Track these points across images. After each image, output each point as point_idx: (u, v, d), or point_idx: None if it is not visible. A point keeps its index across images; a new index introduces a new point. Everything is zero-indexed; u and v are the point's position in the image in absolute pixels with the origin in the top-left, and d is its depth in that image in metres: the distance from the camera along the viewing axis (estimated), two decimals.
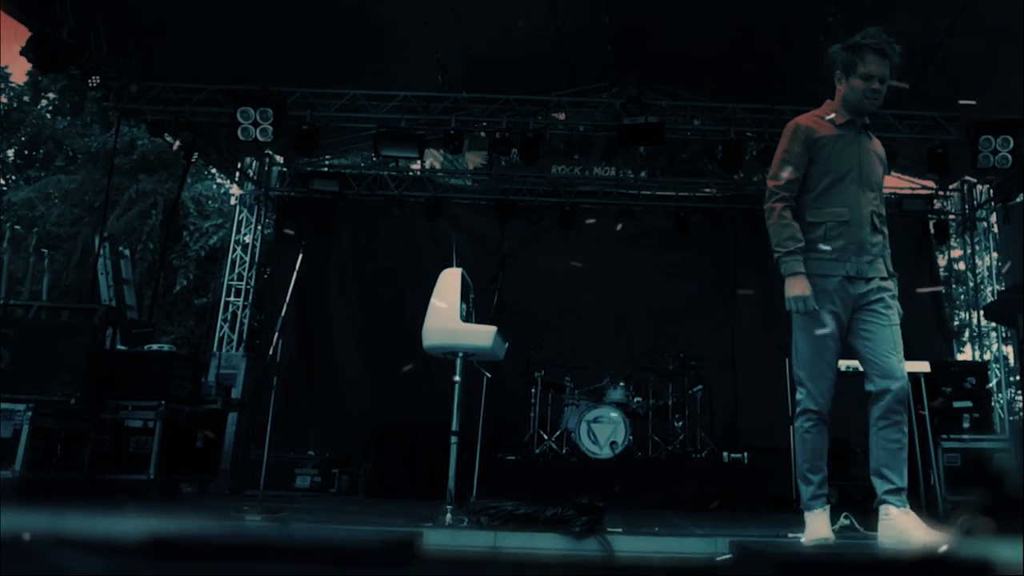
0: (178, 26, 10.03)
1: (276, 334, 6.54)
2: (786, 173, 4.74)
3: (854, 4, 9.65)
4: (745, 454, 10.99)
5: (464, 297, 5.76)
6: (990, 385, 13.67)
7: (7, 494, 6.48)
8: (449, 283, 5.74)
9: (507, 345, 6.07)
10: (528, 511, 5.04)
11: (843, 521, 7.01)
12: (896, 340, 4.74)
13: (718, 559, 4.49)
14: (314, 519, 5.99)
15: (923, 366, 8.67)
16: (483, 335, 5.66)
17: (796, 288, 4.57)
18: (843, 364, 7.61)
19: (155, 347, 8.55)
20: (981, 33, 10.01)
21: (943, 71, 10.81)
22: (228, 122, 10.76)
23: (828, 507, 4.98)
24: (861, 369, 7.55)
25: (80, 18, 9.28)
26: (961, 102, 10.91)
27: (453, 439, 5.75)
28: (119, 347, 8.58)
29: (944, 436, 9.43)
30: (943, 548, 3.62)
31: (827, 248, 4.69)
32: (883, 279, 4.80)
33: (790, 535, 5.39)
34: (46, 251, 14.66)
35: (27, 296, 14.35)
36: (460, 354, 5.75)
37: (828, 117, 4.87)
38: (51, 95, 23.97)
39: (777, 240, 4.67)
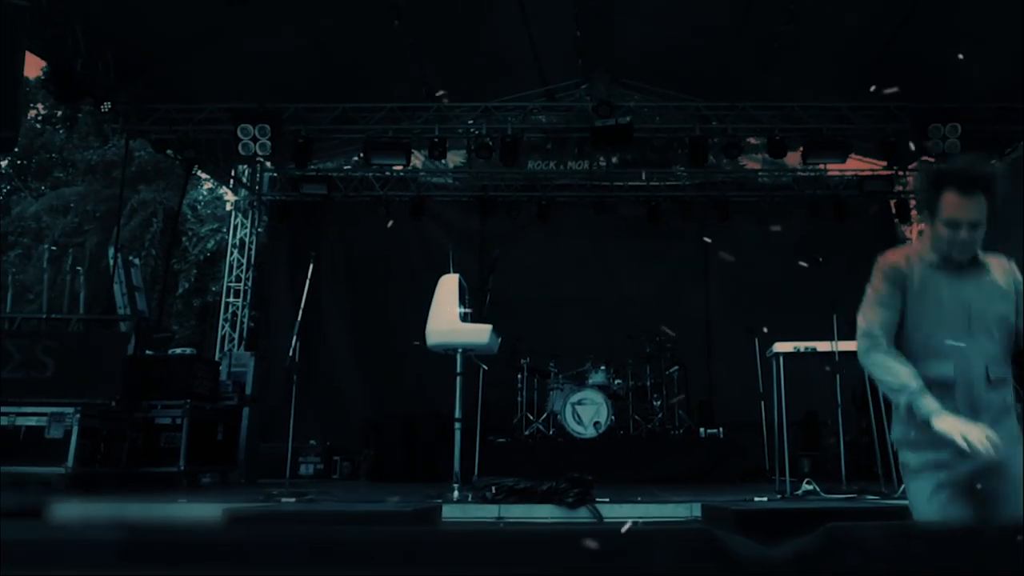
0: (178, 51, 10.70)
1: (294, 337, 7.23)
2: (872, 314, 3.89)
3: (807, 10, 10.36)
4: (720, 429, 11.79)
5: (461, 299, 6.47)
6: None
7: (62, 488, 7.22)
8: (448, 288, 6.46)
9: (500, 340, 6.81)
10: (527, 485, 5.79)
11: (806, 487, 7.81)
12: None
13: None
14: (339, 499, 6.70)
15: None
16: (480, 333, 6.42)
17: (956, 426, 3.50)
18: (802, 345, 8.41)
19: (179, 351, 9.33)
20: (929, 27, 10.71)
21: (895, 63, 11.54)
22: (228, 137, 11.48)
23: None
24: (820, 350, 8.33)
25: (89, 49, 9.91)
26: None
27: (457, 425, 6.49)
28: (147, 352, 9.29)
29: None
30: None
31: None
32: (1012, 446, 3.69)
33: (756, 499, 6.13)
34: (80, 268, 15.19)
35: (66, 309, 14.97)
36: (460, 350, 6.48)
37: (920, 253, 3.93)
38: (39, 106, 24.55)
39: (898, 385, 3.70)
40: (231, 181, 14.76)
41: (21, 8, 7.00)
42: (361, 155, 12.79)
